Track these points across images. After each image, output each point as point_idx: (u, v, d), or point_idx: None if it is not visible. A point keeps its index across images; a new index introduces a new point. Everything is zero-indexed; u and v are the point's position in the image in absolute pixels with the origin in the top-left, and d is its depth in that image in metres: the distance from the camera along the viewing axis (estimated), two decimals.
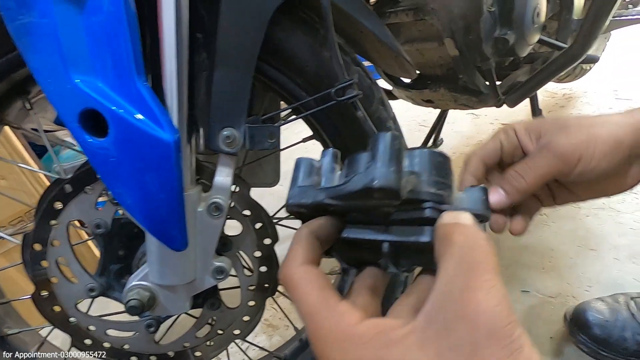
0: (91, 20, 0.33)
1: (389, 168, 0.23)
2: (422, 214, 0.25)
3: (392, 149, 0.24)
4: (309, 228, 0.27)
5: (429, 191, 0.25)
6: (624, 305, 0.73)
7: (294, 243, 0.27)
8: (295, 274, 0.25)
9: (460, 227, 0.23)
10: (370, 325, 0.22)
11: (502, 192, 0.36)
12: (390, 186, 0.22)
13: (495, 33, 0.78)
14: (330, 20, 0.40)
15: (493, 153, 0.40)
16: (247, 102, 0.41)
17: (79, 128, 0.35)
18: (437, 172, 0.25)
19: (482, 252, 0.21)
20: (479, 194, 0.27)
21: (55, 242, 0.49)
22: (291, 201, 0.28)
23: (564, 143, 0.35)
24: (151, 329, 0.54)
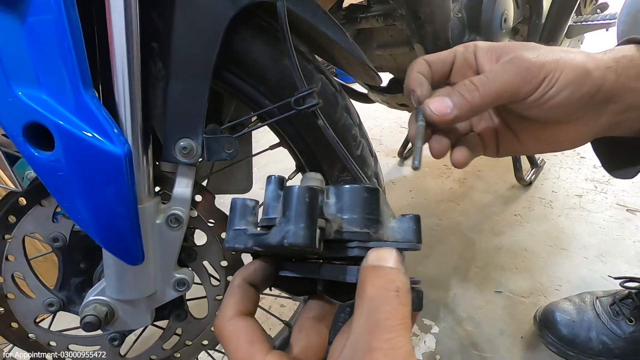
0: (31, 29, 0.31)
1: (298, 225, 0.23)
2: (351, 253, 0.25)
3: (302, 204, 0.24)
4: (242, 276, 0.28)
5: (353, 230, 0.25)
6: (590, 305, 0.75)
7: (227, 293, 0.27)
8: (225, 330, 0.25)
9: (376, 275, 0.22)
10: None
11: (449, 102, 0.31)
12: (299, 243, 0.23)
13: (464, 38, 0.80)
14: (286, 28, 0.40)
15: (444, 61, 0.35)
16: (204, 112, 0.41)
17: (24, 142, 0.34)
18: (363, 208, 0.25)
19: (390, 308, 0.21)
20: (410, 224, 0.27)
21: (10, 257, 0.47)
22: (227, 245, 0.28)
23: (530, 58, 0.31)
24: (115, 343, 0.53)
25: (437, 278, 1.00)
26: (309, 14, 0.45)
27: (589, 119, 0.34)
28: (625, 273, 0.93)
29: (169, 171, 0.48)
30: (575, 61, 0.31)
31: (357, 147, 0.55)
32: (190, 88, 0.40)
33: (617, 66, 0.32)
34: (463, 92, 0.31)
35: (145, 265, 0.42)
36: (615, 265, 0.96)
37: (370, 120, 2.01)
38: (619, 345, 0.70)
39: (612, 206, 1.17)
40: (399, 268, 0.23)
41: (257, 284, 0.28)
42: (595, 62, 0.31)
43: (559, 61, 0.31)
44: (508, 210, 1.22)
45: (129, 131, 0.38)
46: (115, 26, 0.35)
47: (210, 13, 0.39)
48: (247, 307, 0.27)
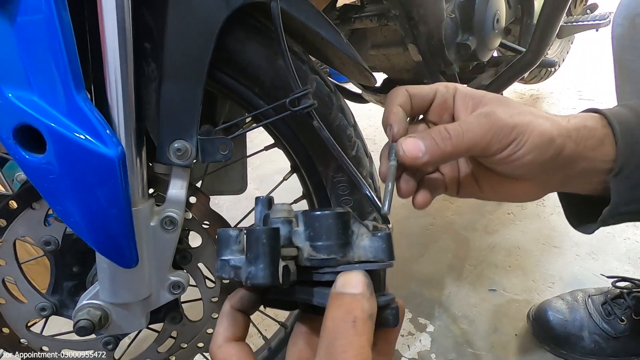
0: (22, 29, 0.31)
1: (257, 266, 0.25)
2: (322, 278, 0.27)
3: (260, 245, 0.25)
4: (230, 302, 0.30)
5: (321, 257, 0.26)
6: (582, 304, 0.76)
7: (218, 321, 0.29)
8: (216, 356, 0.27)
9: (336, 305, 0.23)
10: None
11: (422, 146, 0.32)
12: (260, 283, 0.24)
13: (457, 39, 0.80)
14: (280, 29, 0.40)
15: (425, 97, 0.36)
16: (199, 113, 0.41)
17: (15, 144, 0.33)
18: (330, 235, 0.26)
19: (345, 341, 0.22)
20: (380, 243, 0.27)
21: (0, 261, 0.46)
22: (217, 273, 0.29)
23: (505, 117, 0.32)
24: (109, 347, 0.52)
25: (431, 277, 1.01)
26: (303, 14, 0.45)
27: (544, 178, 0.36)
28: (615, 270, 0.94)
29: (163, 173, 0.47)
30: (542, 127, 0.33)
31: (352, 147, 0.55)
32: (184, 89, 0.40)
33: (577, 135, 0.34)
34: (437, 139, 0.32)
35: (140, 268, 0.41)
36: (606, 262, 0.98)
37: (364, 120, 2.02)
38: (610, 345, 0.71)
39: None
40: (363, 293, 0.24)
41: (245, 309, 0.30)
42: (559, 130, 0.33)
43: (529, 125, 0.33)
44: (501, 209, 1.23)
45: (122, 133, 0.37)
46: (108, 26, 0.35)
47: (204, 13, 0.39)
48: (236, 333, 0.28)
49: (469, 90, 0.36)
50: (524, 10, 1.02)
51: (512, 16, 0.99)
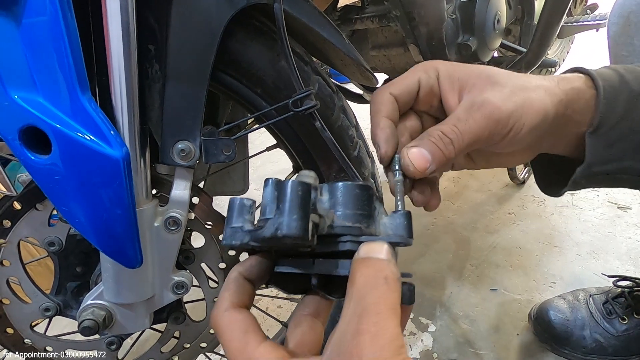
0: (27, 31, 0.31)
1: (291, 217, 0.24)
2: (343, 247, 0.26)
3: (295, 196, 0.24)
4: (238, 270, 0.28)
5: (345, 225, 0.26)
6: (583, 303, 0.76)
7: (224, 287, 0.28)
8: (220, 321, 0.26)
9: (365, 265, 0.23)
10: None
11: (428, 156, 0.31)
12: (292, 234, 0.23)
13: (458, 39, 0.80)
14: (283, 30, 0.40)
15: (410, 92, 0.34)
16: (202, 114, 0.41)
17: (20, 145, 0.33)
18: (355, 204, 0.26)
19: (377, 294, 0.21)
20: (402, 220, 0.27)
21: (5, 262, 0.47)
22: (224, 242, 0.29)
23: (499, 104, 0.31)
24: (113, 347, 0.52)
25: (432, 277, 1.01)
26: (305, 15, 0.45)
27: (535, 145, 0.36)
28: (617, 269, 0.94)
29: (166, 174, 0.48)
30: (537, 104, 0.32)
31: (354, 148, 0.55)
32: (188, 90, 0.40)
33: (567, 99, 0.34)
34: (439, 145, 0.31)
35: (144, 268, 0.41)
36: (607, 261, 0.98)
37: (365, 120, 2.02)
38: (611, 344, 0.71)
39: (604, 204, 1.19)
40: (389, 259, 0.23)
41: (253, 279, 0.28)
42: (552, 98, 0.33)
43: (524, 106, 0.32)
44: (502, 208, 1.24)
45: (126, 134, 0.37)
46: (112, 28, 0.35)
47: (207, 15, 0.39)
48: (243, 300, 0.27)
49: (452, 70, 0.34)
50: (524, 10, 1.02)
51: (512, 17, 0.99)
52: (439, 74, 0.34)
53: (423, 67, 0.35)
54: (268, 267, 0.29)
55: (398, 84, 0.35)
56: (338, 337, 0.21)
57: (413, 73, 0.35)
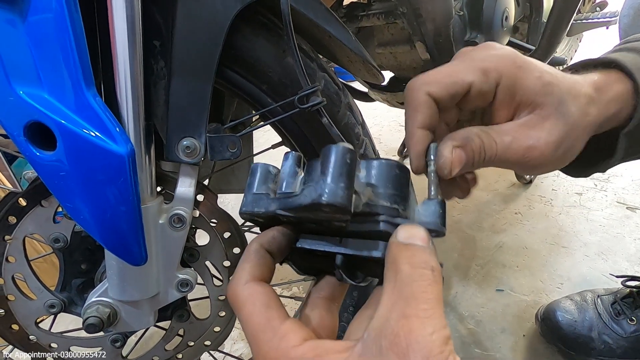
0: (33, 27, 0.31)
1: (337, 184, 0.22)
2: (376, 227, 0.24)
3: (343, 163, 0.23)
4: (259, 242, 0.27)
5: (383, 204, 0.24)
6: (591, 304, 0.75)
7: (242, 259, 0.26)
8: (240, 293, 0.24)
9: (409, 253, 0.22)
10: (309, 348, 0.22)
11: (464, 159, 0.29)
12: (337, 203, 0.22)
13: (465, 36, 0.79)
14: (290, 27, 0.40)
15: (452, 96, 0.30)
16: (207, 111, 0.40)
17: (25, 141, 0.33)
18: (394, 184, 0.25)
19: (425, 283, 0.21)
20: (437, 208, 0.26)
21: (10, 258, 0.47)
22: (244, 209, 0.27)
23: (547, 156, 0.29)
24: (117, 344, 0.52)
25: None
26: (311, 11, 0.45)
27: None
28: (625, 271, 0.93)
29: (171, 171, 0.47)
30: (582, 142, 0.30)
31: (360, 145, 0.55)
32: (193, 87, 0.40)
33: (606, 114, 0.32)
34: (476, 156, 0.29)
35: (149, 265, 0.41)
36: (616, 262, 0.96)
37: (370, 118, 2.01)
38: (620, 345, 0.70)
39: (612, 204, 1.17)
40: (431, 249, 0.23)
41: (274, 252, 0.27)
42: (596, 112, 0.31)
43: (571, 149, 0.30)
44: (508, 208, 1.22)
45: (131, 130, 0.37)
46: (118, 24, 0.35)
47: (213, 11, 0.39)
48: (263, 273, 0.26)
49: (517, 79, 0.29)
50: (532, 7, 1.01)
51: (520, 14, 0.98)
52: (501, 82, 0.29)
53: (482, 65, 0.29)
54: (290, 241, 0.27)
55: (441, 82, 0.29)
56: (379, 321, 0.21)
57: (465, 71, 0.29)
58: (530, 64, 0.29)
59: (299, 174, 0.28)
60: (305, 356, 0.21)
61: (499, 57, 0.29)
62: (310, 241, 0.27)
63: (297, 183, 0.27)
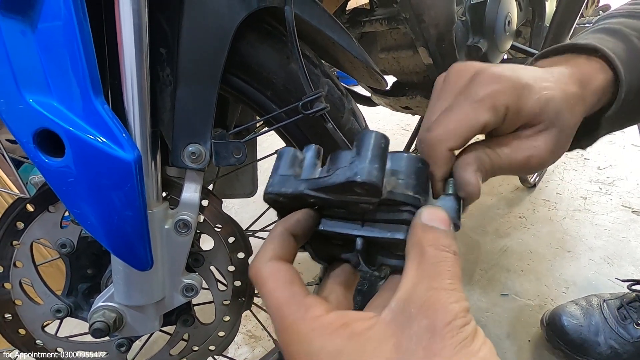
0: (42, 36, 0.32)
1: (372, 165, 0.23)
2: (399, 215, 0.25)
3: (378, 147, 0.24)
4: (284, 225, 0.27)
5: (408, 194, 0.25)
6: (597, 308, 0.74)
7: (267, 240, 0.27)
8: (263, 270, 0.25)
9: (433, 235, 0.23)
10: (336, 317, 0.22)
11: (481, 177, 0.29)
12: (372, 181, 0.23)
13: (468, 41, 0.80)
14: (294, 33, 0.40)
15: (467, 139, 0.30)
16: (213, 117, 0.41)
17: (35, 148, 0.34)
18: (417, 176, 0.26)
19: (449, 264, 0.23)
20: (453, 203, 0.27)
21: (18, 263, 0.47)
22: (270, 189, 0.27)
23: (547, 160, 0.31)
24: (123, 349, 0.52)
25: None
26: (315, 18, 0.45)
27: None
28: (632, 275, 0.92)
29: (176, 176, 0.48)
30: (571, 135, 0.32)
31: None
32: (199, 93, 0.40)
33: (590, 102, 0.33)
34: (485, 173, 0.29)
35: (154, 271, 0.41)
36: (622, 267, 0.96)
37: (373, 123, 2.02)
38: (627, 350, 0.70)
39: (617, 208, 1.17)
40: (452, 232, 0.24)
41: (298, 234, 0.27)
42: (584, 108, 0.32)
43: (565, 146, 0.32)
44: (512, 212, 1.22)
45: (138, 137, 0.38)
46: (125, 32, 0.35)
47: (218, 19, 0.39)
48: (286, 254, 0.26)
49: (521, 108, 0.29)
50: (535, 12, 1.01)
51: (523, 18, 0.98)
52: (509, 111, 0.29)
53: (490, 104, 0.29)
54: (313, 224, 0.28)
55: (458, 133, 0.29)
56: (406, 293, 0.22)
57: (476, 113, 0.29)
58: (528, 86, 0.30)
59: (317, 166, 0.28)
60: (333, 324, 0.22)
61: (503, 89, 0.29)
62: (332, 224, 0.28)
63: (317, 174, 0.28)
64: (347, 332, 0.22)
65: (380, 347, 0.21)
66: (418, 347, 0.20)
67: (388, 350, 0.21)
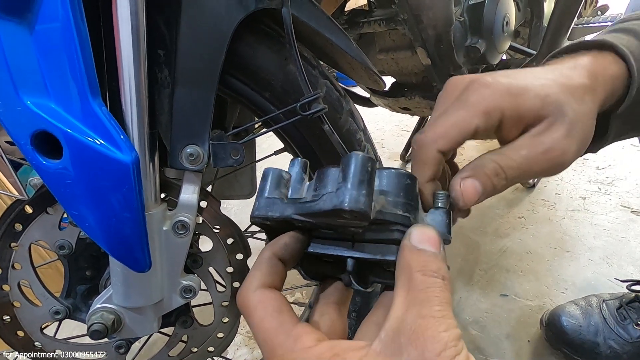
0: (40, 37, 0.32)
1: (360, 191, 0.23)
2: (390, 235, 0.25)
3: (364, 171, 0.23)
4: (272, 250, 0.27)
5: (397, 213, 0.25)
6: (596, 308, 0.74)
7: (254, 266, 0.26)
8: (250, 299, 0.24)
9: (422, 260, 0.23)
10: (326, 348, 0.22)
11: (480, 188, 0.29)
12: (360, 209, 0.22)
13: (466, 42, 0.80)
14: (292, 35, 0.40)
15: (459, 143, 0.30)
16: (211, 119, 0.41)
17: (32, 150, 0.34)
18: (405, 193, 0.25)
19: (438, 290, 0.22)
20: (443, 218, 0.27)
21: (16, 265, 0.47)
22: (257, 213, 0.27)
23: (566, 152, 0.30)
24: (121, 350, 0.52)
25: None
26: (313, 20, 0.45)
27: None
28: (631, 275, 0.92)
29: (175, 178, 0.48)
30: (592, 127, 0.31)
31: (362, 151, 0.55)
32: (197, 95, 0.40)
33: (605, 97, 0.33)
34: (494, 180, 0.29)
35: (153, 272, 0.41)
36: (621, 267, 0.96)
37: (372, 123, 2.01)
38: (626, 350, 0.70)
39: (617, 208, 1.17)
40: (442, 256, 0.24)
41: (286, 259, 0.27)
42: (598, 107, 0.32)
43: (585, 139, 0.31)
44: (512, 212, 1.22)
45: (136, 138, 0.38)
46: (123, 34, 0.35)
47: (216, 20, 0.39)
48: (274, 281, 0.26)
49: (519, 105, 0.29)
50: (533, 12, 1.01)
51: (521, 19, 0.98)
52: (504, 115, 0.29)
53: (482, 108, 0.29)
54: (302, 247, 0.28)
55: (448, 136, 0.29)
56: (395, 322, 0.22)
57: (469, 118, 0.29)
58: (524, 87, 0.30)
59: (305, 181, 0.28)
60: (323, 356, 0.21)
61: (495, 94, 0.30)
62: (322, 246, 0.28)
63: (304, 189, 0.27)
64: None
65: None
66: None
67: None
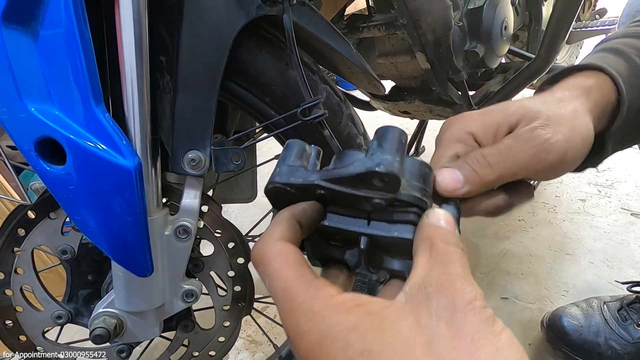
0: (43, 44, 0.32)
1: (394, 157, 0.23)
2: (406, 216, 0.25)
3: (399, 141, 0.24)
4: (291, 211, 0.26)
5: (416, 195, 0.25)
6: (597, 310, 0.74)
7: (273, 223, 0.25)
8: (270, 250, 0.23)
9: (442, 232, 0.24)
10: (349, 298, 0.21)
11: (460, 176, 0.29)
12: (394, 173, 0.22)
13: (465, 46, 0.80)
14: (293, 41, 0.41)
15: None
16: (212, 124, 0.41)
17: (36, 156, 0.34)
18: (424, 181, 0.26)
19: (458, 256, 0.23)
20: (454, 211, 0.28)
21: (19, 270, 0.47)
22: (277, 178, 0.26)
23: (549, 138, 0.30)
24: (123, 355, 0.53)
25: None
26: (313, 26, 0.46)
27: None
28: (631, 277, 0.92)
29: (176, 182, 0.48)
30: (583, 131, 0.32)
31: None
32: (198, 100, 0.41)
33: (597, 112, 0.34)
34: (475, 167, 0.30)
35: (155, 276, 0.42)
36: (622, 269, 0.96)
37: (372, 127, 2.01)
38: (627, 351, 0.70)
39: (617, 210, 1.17)
40: (457, 234, 0.24)
41: (303, 224, 0.26)
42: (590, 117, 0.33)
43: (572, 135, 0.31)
44: (512, 215, 1.22)
45: (138, 144, 0.38)
46: (125, 40, 0.36)
47: (217, 27, 0.40)
48: (293, 238, 0.25)
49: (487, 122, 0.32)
50: (531, 16, 1.02)
51: (520, 23, 0.99)
52: (475, 136, 0.32)
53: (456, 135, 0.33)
54: (319, 218, 0.27)
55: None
56: (420, 278, 0.22)
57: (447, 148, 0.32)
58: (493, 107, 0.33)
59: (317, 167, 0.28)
60: (347, 303, 0.21)
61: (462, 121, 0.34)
62: (339, 220, 0.27)
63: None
64: (362, 310, 0.20)
65: (400, 323, 0.20)
66: (439, 322, 0.19)
67: (408, 326, 0.20)
